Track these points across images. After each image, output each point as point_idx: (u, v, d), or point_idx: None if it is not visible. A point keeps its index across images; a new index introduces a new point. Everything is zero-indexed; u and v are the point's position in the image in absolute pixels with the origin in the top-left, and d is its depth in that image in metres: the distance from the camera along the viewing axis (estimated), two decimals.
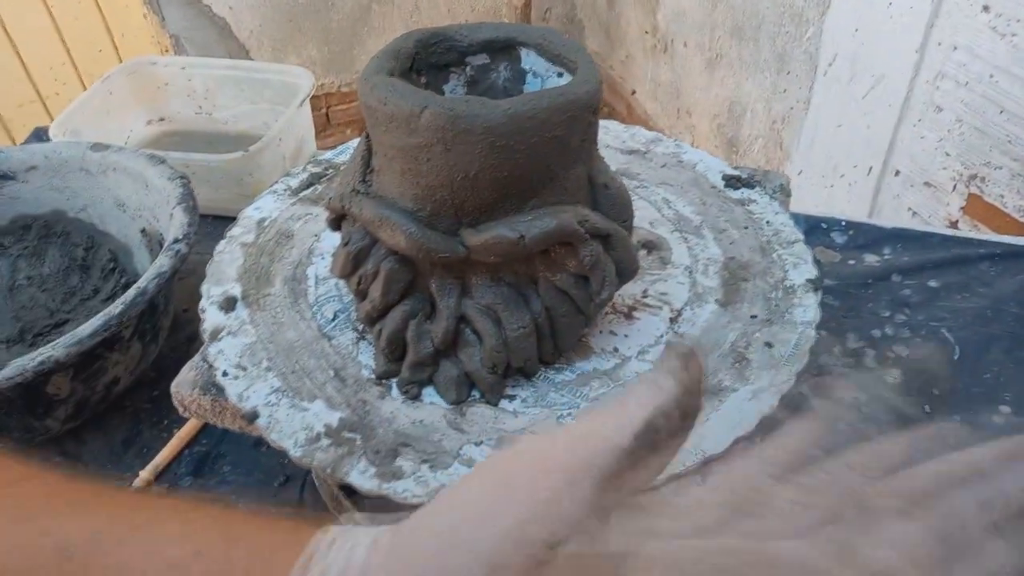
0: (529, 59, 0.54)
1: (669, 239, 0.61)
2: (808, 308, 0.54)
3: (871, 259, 0.85)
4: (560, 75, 0.53)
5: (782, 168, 1.65)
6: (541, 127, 0.44)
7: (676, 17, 1.91)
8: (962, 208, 1.27)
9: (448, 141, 0.44)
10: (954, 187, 1.27)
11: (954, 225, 1.28)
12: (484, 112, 0.43)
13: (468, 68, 0.54)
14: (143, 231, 0.80)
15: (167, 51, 1.93)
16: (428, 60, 0.53)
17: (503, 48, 0.54)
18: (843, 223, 0.89)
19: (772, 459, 0.31)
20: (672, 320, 0.54)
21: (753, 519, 0.28)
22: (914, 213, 1.36)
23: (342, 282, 0.55)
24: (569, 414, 0.49)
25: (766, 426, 0.48)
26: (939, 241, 0.86)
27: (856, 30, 1.37)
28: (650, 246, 0.61)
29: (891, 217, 1.39)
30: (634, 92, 2.18)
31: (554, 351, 0.51)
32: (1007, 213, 1.19)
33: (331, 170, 0.70)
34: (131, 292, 0.63)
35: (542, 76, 0.54)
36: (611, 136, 0.72)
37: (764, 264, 0.58)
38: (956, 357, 0.75)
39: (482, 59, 0.54)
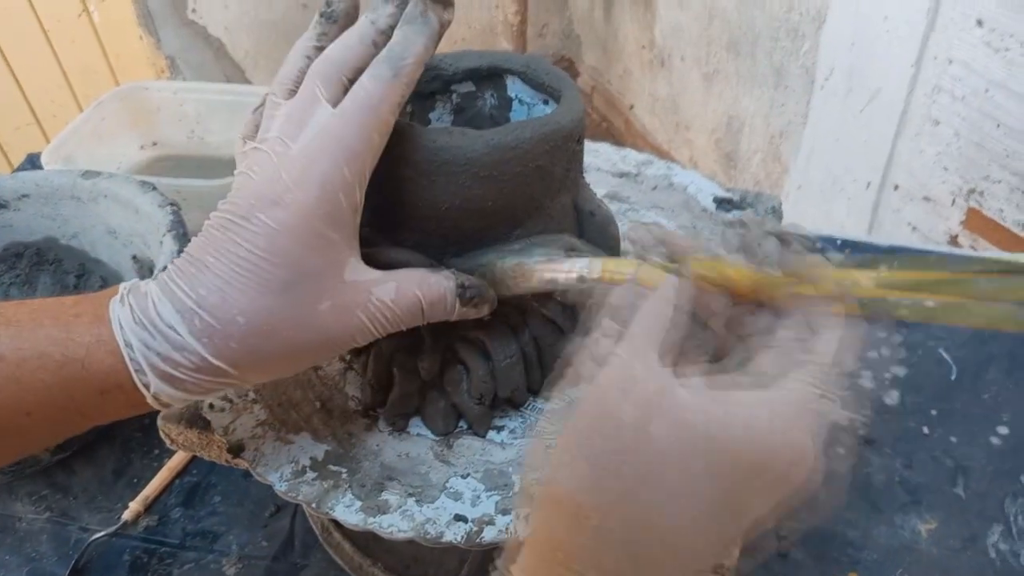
0: (515, 87, 0.54)
1: None
2: None
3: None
4: (546, 102, 0.52)
5: (781, 182, 1.65)
6: (524, 157, 0.44)
7: (673, 32, 1.91)
8: (962, 222, 1.26)
9: (431, 173, 0.44)
10: (953, 201, 1.27)
11: (954, 239, 1.27)
12: (466, 144, 0.43)
13: (454, 96, 0.54)
14: (134, 258, 0.79)
15: (163, 73, 1.94)
16: (413, 89, 0.53)
17: (488, 76, 0.54)
18: (839, 241, 0.88)
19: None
20: None
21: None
22: (914, 228, 1.35)
23: None
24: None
25: None
26: (935, 259, 0.86)
27: (852, 44, 1.37)
28: None
29: (891, 232, 1.38)
30: (632, 107, 2.18)
31: (542, 381, 0.51)
32: (1006, 227, 1.19)
33: None
34: None
35: (528, 104, 0.53)
36: (601, 159, 0.72)
37: None
38: (953, 377, 0.74)
39: (468, 87, 0.54)
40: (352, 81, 0.40)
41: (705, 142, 1.88)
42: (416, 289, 0.41)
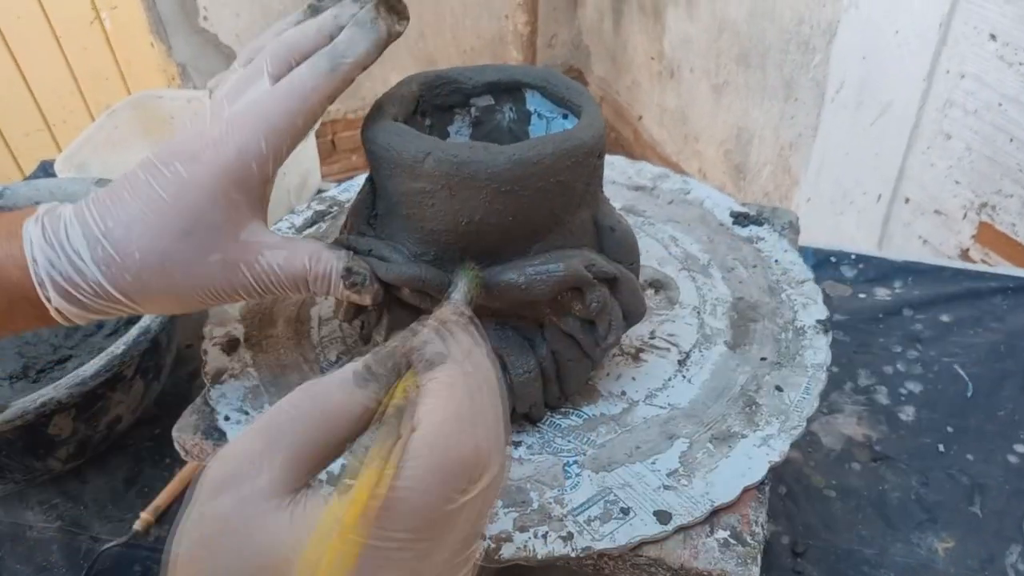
0: (534, 100, 0.53)
1: (677, 278, 0.60)
2: (819, 350, 0.54)
3: (882, 293, 0.84)
4: (565, 116, 0.52)
5: (791, 195, 1.64)
6: (545, 172, 0.44)
7: (682, 44, 1.91)
8: (973, 236, 1.26)
9: (452, 187, 0.43)
10: (964, 215, 1.26)
11: (965, 253, 1.27)
12: (488, 158, 0.43)
13: (473, 109, 0.54)
14: None
15: (174, 79, 1.95)
16: (432, 102, 0.53)
17: (507, 89, 0.54)
18: (853, 256, 0.88)
19: None
20: (680, 362, 0.54)
21: None
22: (925, 241, 1.35)
23: (345, 323, 0.54)
24: (575, 460, 0.48)
25: None
26: (950, 274, 0.85)
27: (863, 57, 1.37)
28: (657, 285, 0.60)
29: (901, 245, 1.38)
30: (641, 118, 2.18)
31: (560, 396, 0.50)
32: (1018, 241, 1.18)
33: (335, 207, 0.70)
34: (134, 331, 0.62)
35: (547, 117, 0.53)
36: (617, 172, 0.72)
37: (773, 304, 0.57)
38: (969, 394, 0.73)
39: (486, 100, 0.54)
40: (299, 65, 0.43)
41: (714, 154, 1.88)
42: (306, 260, 0.43)
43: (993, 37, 1.14)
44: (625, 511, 0.45)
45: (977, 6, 1.15)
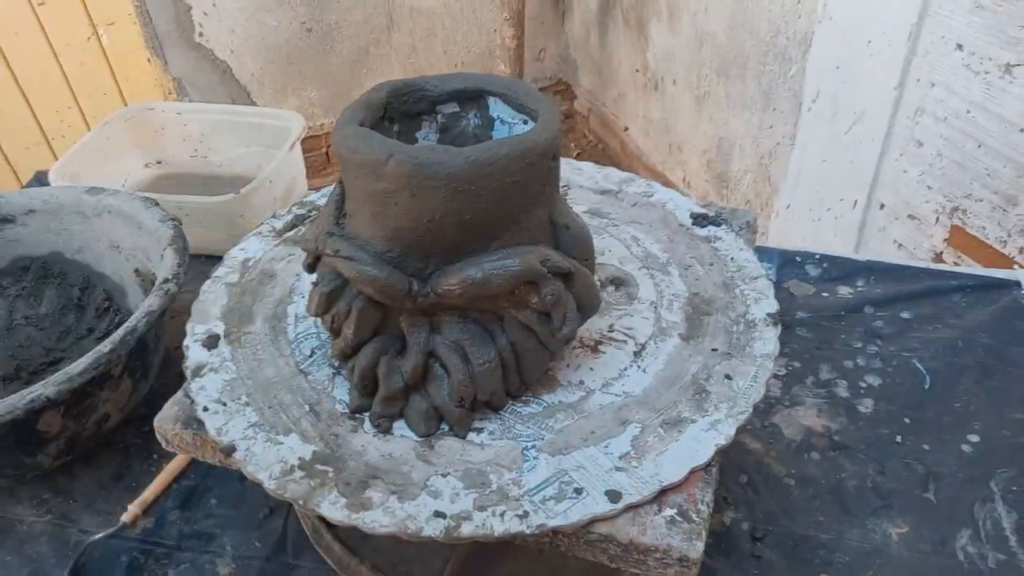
0: (497, 107, 0.57)
1: (636, 276, 0.63)
2: (768, 341, 0.56)
3: (844, 291, 0.87)
4: (526, 122, 0.56)
5: (771, 202, 1.68)
6: (501, 173, 0.47)
7: (665, 56, 1.95)
8: (945, 240, 1.29)
9: (413, 187, 0.46)
10: (937, 219, 1.29)
11: (939, 257, 1.30)
12: (446, 159, 0.46)
13: (439, 116, 0.57)
14: (137, 271, 0.82)
15: (170, 94, 1.98)
16: (401, 109, 0.56)
17: (472, 97, 0.57)
18: (817, 256, 0.91)
19: None
20: (636, 353, 0.57)
21: None
22: (900, 245, 1.38)
23: (316, 317, 0.57)
24: (534, 445, 0.51)
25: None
26: (912, 274, 0.88)
27: (837, 67, 1.41)
28: (618, 282, 0.63)
29: (877, 249, 1.40)
30: (627, 129, 2.22)
31: (520, 384, 0.53)
32: (989, 244, 1.21)
33: (315, 212, 0.73)
34: (121, 331, 0.65)
35: (509, 123, 0.57)
36: (584, 177, 0.75)
37: (727, 299, 0.60)
38: (927, 386, 0.76)
39: (452, 107, 0.57)
40: None
41: (697, 163, 1.91)
42: None
43: (960, 47, 1.17)
44: (578, 491, 0.47)
45: (944, 17, 1.18)
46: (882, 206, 1.40)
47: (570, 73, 2.46)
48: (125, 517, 0.68)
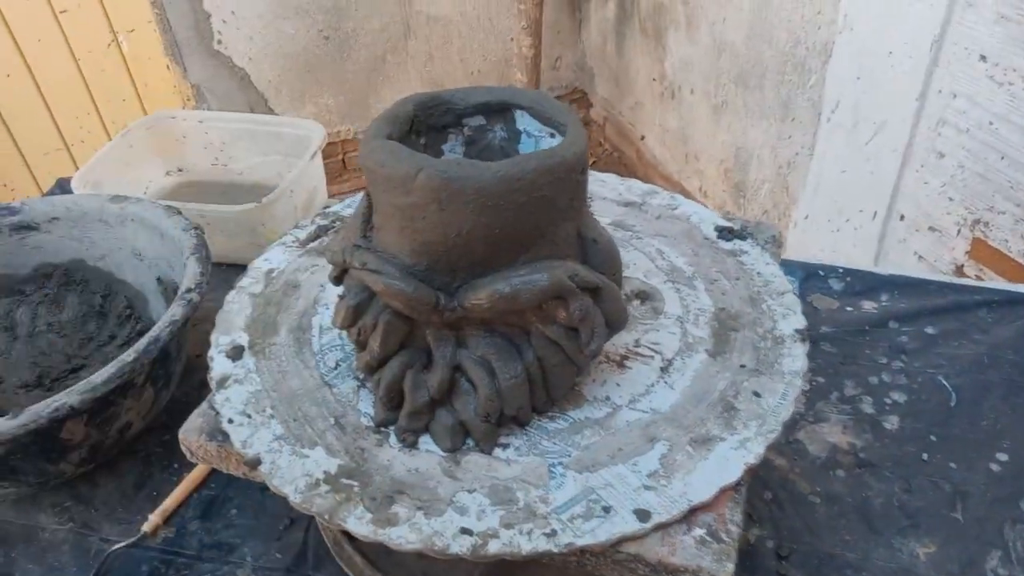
0: (523, 120, 0.56)
1: (662, 289, 0.63)
2: (796, 358, 0.56)
3: (868, 306, 0.86)
4: (552, 136, 0.55)
5: (789, 213, 1.67)
6: (530, 188, 0.47)
7: (683, 65, 1.95)
8: (967, 252, 1.28)
9: (442, 201, 0.46)
10: (958, 231, 1.28)
11: (960, 269, 1.29)
12: (475, 174, 0.46)
13: (465, 129, 0.57)
14: (159, 279, 0.82)
15: (189, 101, 2.00)
16: (427, 122, 0.56)
17: (498, 110, 0.57)
18: (840, 270, 0.90)
19: None
20: (663, 369, 0.56)
21: None
22: (920, 257, 1.37)
23: (342, 330, 0.57)
24: (560, 462, 0.50)
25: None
26: (936, 288, 0.87)
27: (858, 78, 1.40)
28: (643, 296, 0.62)
29: (897, 261, 1.39)
30: (643, 137, 2.21)
31: (547, 400, 0.53)
32: (1011, 257, 1.20)
33: (338, 222, 0.73)
34: (144, 340, 0.65)
35: (536, 136, 0.56)
36: (608, 188, 0.74)
37: (754, 315, 0.60)
38: (953, 404, 0.75)
39: (478, 120, 0.57)
40: None
41: (714, 172, 1.91)
42: None
43: (983, 58, 1.16)
44: (607, 509, 0.47)
45: (967, 28, 1.18)
46: (902, 217, 1.39)
47: (586, 82, 2.46)
48: (146, 527, 0.68)
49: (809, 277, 0.89)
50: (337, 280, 0.54)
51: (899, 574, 0.62)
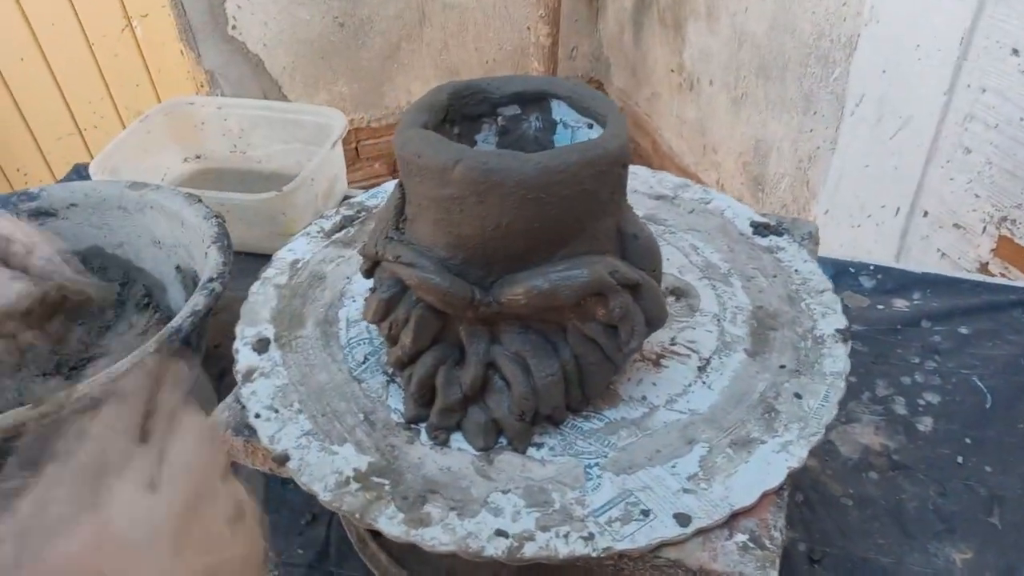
0: (560, 110, 0.55)
1: (697, 286, 0.61)
2: (837, 359, 0.54)
3: (900, 304, 0.84)
4: (590, 126, 0.54)
5: (809, 207, 1.65)
6: (572, 180, 0.45)
7: (702, 56, 1.93)
8: (992, 250, 1.26)
9: (481, 193, 0.45)
10: (984, 229, 1.26)
11: (984, 267, 1.27)
12: (516, 166, 0.44)
13: (500, 119, 0.56)
14: (178, 268, 0.81)
15: (202, 87, 1.98)
16: (461, 111, 0.54)
17: (533, 99, 0.55)
18: (871, 267, 0.88)
19: None
20: (700, 368, 0.55)
21: None
22: (943, 254, 1.35)
23: (373, 324, 0.56)
24: (596, 463, 0.49)
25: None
26: (969, 287, 0.86)
27: (883, 71, 1.37)
28: (678, 293, 0.61)
29: (919, 258, 1.37)
30: (658, 130, 2.19)
31: (582, 399, 0.51)
32: None
33: (363, 213, 0.71)
34: (165, 331, 0.64)
35: (572, 127, 0.55)
36: (639, 181, 0.73)
37: (793, 313, 0.58)
38: (988, 405, 0.74)
39: (513, 110, 0.55)
40: None
41: (733, 165, 1.89)
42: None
43: (1015, 52, 1.14)
44: (645, 513, 0.46)
45: (999, 21, 1.15)
46: (926, 214, 1.36)
47: (603, 72, 2.44)
48: None
49: (839, 274, 0.88)
50: (368, 273, 0.53)
51: None
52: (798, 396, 0.52)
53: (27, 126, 1.88)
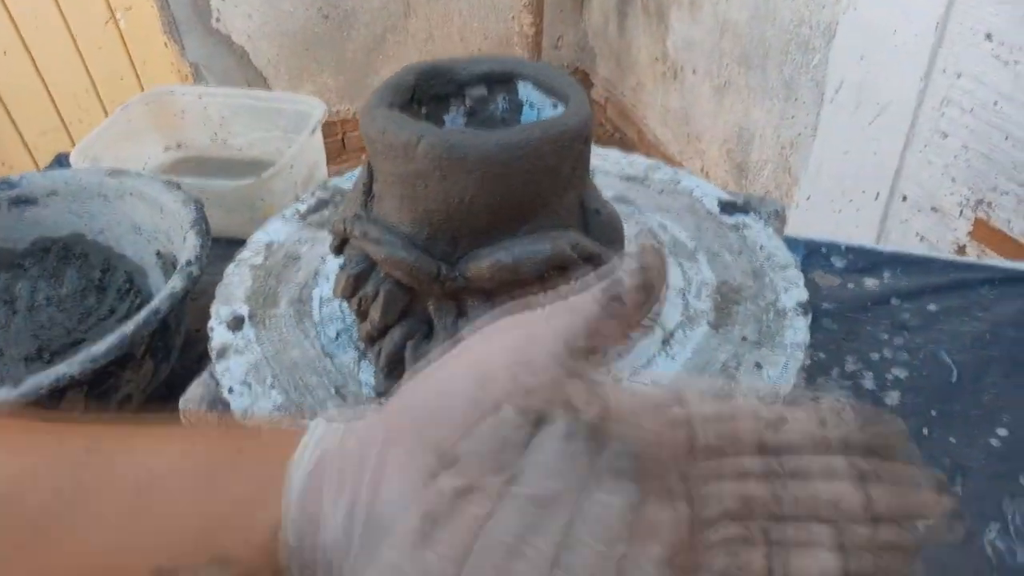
0: (526, 91, 0.56)
1: None
2: (798, 330, 0.56)
3: (871, 283, 0.85)
4: (555, 106, 0.55)
5: (791, 193, 1.66)
6: (533, 156, 0.46)
7: (685, 45, 1.94)
8: (969, 233, 1.27)
9: (444, 169, 0.46)
10: (961, 212, 1.28)
11: (961, 250, 1.28)
12: (478, 142, 0.45)
13: (467, 99, 0.57)
14: (158, 253, 0.82)
15: (187, 79, 1.99)
16: (429, 92, 0.55)
17: (501, 80, 0.56)
18: (843, 247, 0.90)
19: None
20: (664, 341, 0.56)
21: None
22: (922, 238, 1.36)
23: (343, 300, 0.57)
24: None
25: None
26: (939, 266, 0.87)
27: (861, 57, 1.39)
28: None
29: (899, 242, 1.39)
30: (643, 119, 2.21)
31: None
32: (1014, 238, 1.20)
33: (338, 196, 0.72)
34: (144, 312, 0.65)
35: (538, 107, 0.56)
36: (610, 163, 0.74)
37: (756, 288, 0.60)
38: (954, 379, 0.75)
39: (480, 91, 0.56)
40: None
41: (716, 153, 1.90)
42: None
43: (989, 37, 1.16)
44: None
45: (972, 7, 1.17)
46: (904, 198, 1.38)
47: (588, 61, 2.45)
48: None
49: (811, 254, 0.89)
50: (338, 250, 0.54)
51: None
52: (759, 366, 0.53)
53: (11, 120, 1.88)
